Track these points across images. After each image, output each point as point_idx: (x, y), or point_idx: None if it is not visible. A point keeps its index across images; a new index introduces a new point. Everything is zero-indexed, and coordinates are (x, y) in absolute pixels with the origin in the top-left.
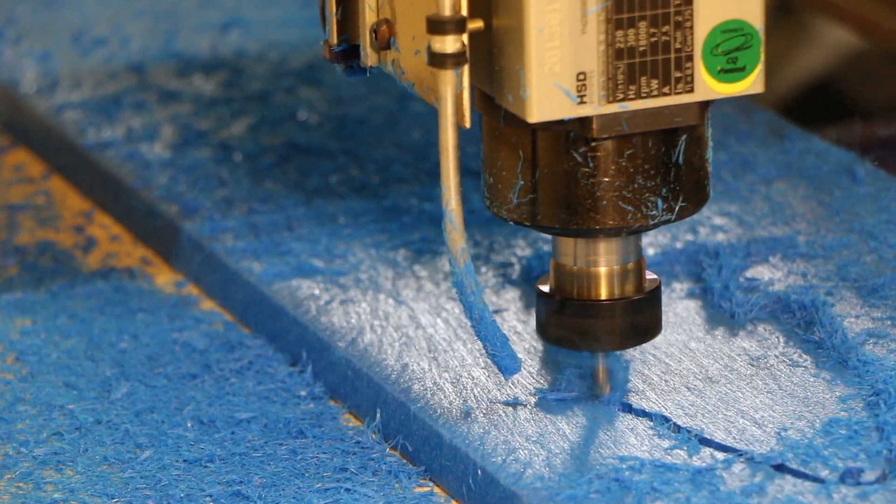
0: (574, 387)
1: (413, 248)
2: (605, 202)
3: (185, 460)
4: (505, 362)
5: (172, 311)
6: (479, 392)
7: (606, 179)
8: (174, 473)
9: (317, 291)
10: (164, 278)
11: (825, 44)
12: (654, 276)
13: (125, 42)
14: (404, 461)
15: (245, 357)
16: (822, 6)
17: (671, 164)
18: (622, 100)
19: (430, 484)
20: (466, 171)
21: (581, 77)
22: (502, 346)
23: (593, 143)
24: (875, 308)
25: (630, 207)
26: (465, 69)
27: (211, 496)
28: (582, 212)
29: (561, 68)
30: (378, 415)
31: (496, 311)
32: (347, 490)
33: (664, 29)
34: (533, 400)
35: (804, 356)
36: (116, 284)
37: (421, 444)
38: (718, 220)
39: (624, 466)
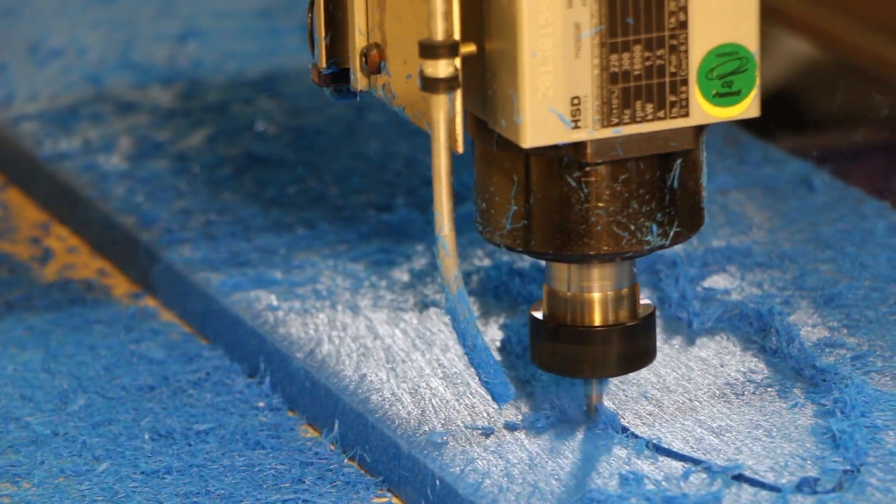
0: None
1: (371, 259)
2: (599, 227)
3: (142, 472)
4: (498, 390)
5: (130, 322)
6: (437, 402)
7: (601, 204)
8: (131, 486)
9: (275, 302)
10: (122, 290)
11: (782, 54)
12: (648, 302)
13: (82, 53)
14: (362, 472)
15: (203, 368)
16: (778, 16)
17: (666, 188)
18: (617, 124)
19: (389, 495)
20: (425, 184)
21: (575, 101)
22: (495, 373)
23: (587, 168)
24: (831, 317)
25: (624, 233)
26: (458, 94)
27: None
28: (576, 237)
29: (555, 93)
30: (336, 426)
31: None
32: (305, 501)
33: (659, 53)
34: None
35: (761, 365)
36: (73, 296)
37: (379, 454)
38: None
39: (579, 476)
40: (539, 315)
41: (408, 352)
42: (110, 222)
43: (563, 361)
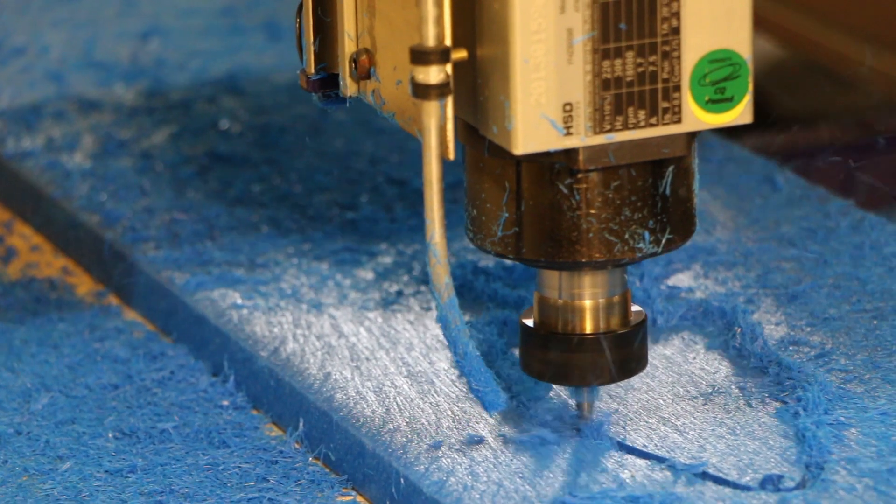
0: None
1: (336, 258)
2: (591, 235)
3: (106, 471)
4: (489, 398)
5: (94, 321)
6: (401, 401)
7: (593, 211)
8: (95, 485)
9: (239, 301)
10: (86, 288)
11: None
12: (640, 309)
13: (44, 51)
14: (327, 470)
15: (167, 367)
16: None
17: (658, 195)
18: (609, 131)
19: (353, 493)
20: (390, 182)
21: (567, 108)
22: (486, 381)
23: (579, 175)
24: (795, 315)
25: (616, 240)
26: (449, 100)
27: None
28: (568, 245)
29: (547, 99)
30: (301, 424)
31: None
32: (270, 500)
33: (651, 59)
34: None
35: (724, 363)
36: (37, 295)
37: (344, 453)
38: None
39: (543, 475)
40: (530, 322)
41: (372, 350)
42: (74, 221)
43: (554, 369)
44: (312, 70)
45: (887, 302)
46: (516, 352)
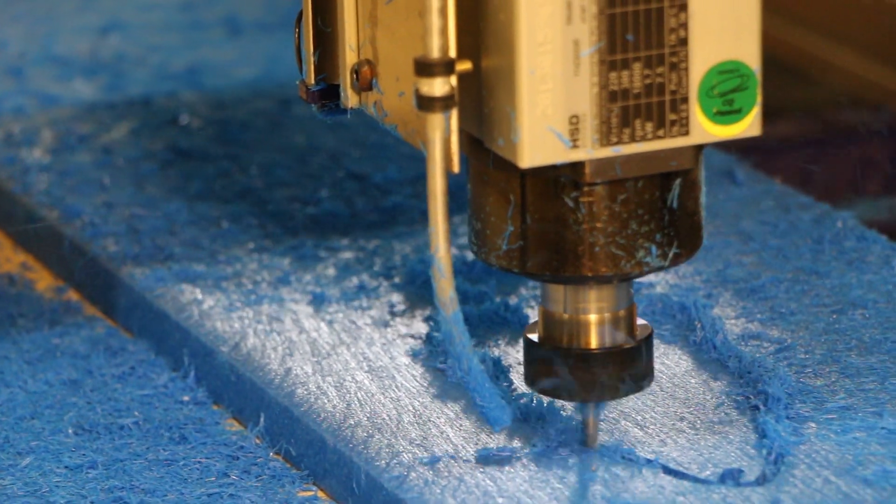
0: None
1: (296, 253)
2: (597, 249)
3: (66, 467)
4: (494, 414)
5: (53, 316)
6: (362, 396)
7: (599, 225)
8: (55, 480)
9: (199, 296)
10: (45, 284)
11: None
12: (646, 323)
13: (3, 46)
14: (288, 466)
15: (127, 362)
16: None
17: (665, 208)
18: (616, 143)
19: (314, 488)
20: (350, 177)
21: (574, 120)
22: (491, 397)
23: (586, 188)
24: (755, 309)
25: (623, 254)
26: (454, 112)
27: (93, 503)
28: (573, 259)
29: (553, 111)
30: (261, 419)
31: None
32: (231, 495)
33: (659, 70)
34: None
35: (685, 358)
36: None
37: (305, 448)
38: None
39: (504, 470)
40: (534, 337)
41: (333, 345)
42: (33, 216)
43: (558, 385)
44: (312, 81)
45: (846, 296)
46: (478, 347)
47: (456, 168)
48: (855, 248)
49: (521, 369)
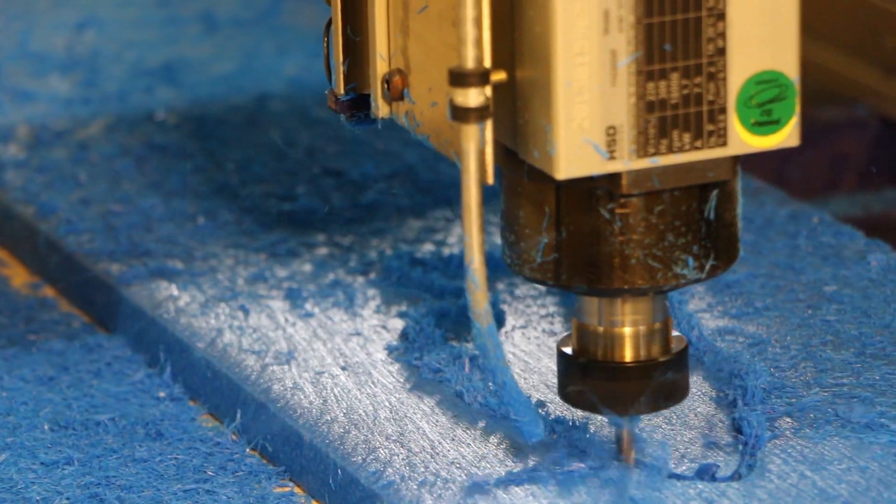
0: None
1: (272, 249)
2: (633, 261)
3: (42, 463)
4: (528, 427)
5: (29, 313)
6: (338, 392)
7: (635, 237)
8: (31, 477)
9: (175, 292)
10: (21, 280)
11: None
12: (681, 336)
13: None
14: (264, 461)
15: (103, 359)
16: None
17: (702, 220)
18: (653, 154)
19: (291, 484)
20: (327, 173)
21: (611, 131)
22: (525, 410)
23: (622, 200)
24: (730, 304)
25: (659, 266)
26: (489, 123)
27: (69, 499)
28: (609, 271)
29: (590, 123)
30: (238, 415)
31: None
32: (207, 491)
33: (696, 80)
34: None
35: None
36: None
37: (281, 444)
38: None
39: (480, 466)
40: (568, 350)
41: (309, 341)
42: (9, 212)
43: (593, 398)
44: (342, 91)
45: (821, 291)
46: (454, 342)
47: (490, 179)
48: (830, 244)
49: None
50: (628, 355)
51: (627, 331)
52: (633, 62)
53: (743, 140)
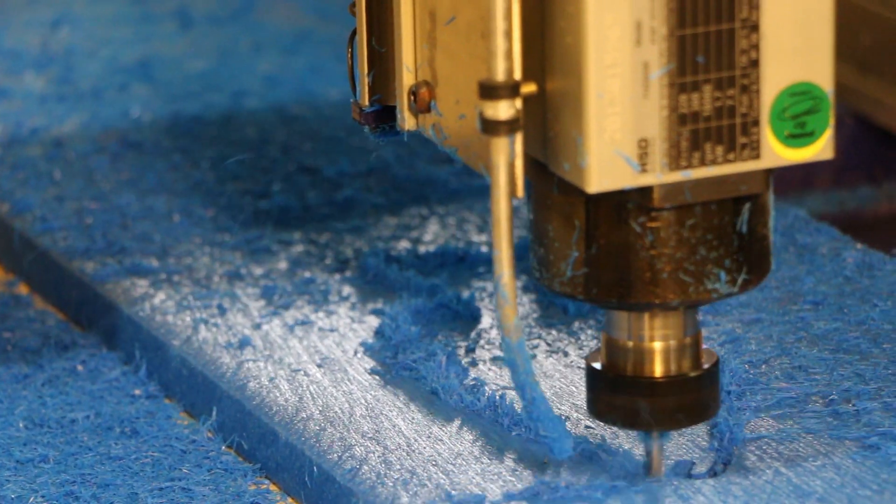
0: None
1: (249, 247)
2: (665, 275)
3: (17, 461)
4: (558, 444)
5: (4, 310)
6: (314, 389)
7: (667, 251)
8: (6, 474)
9: (151, 290)
10: None
11: None
12: (711, 350)
13: None
14: (240, 459)
15: (78, 356)
16: None
17: (735, 233)
18: (685, 167)
19: (266, 482)
20: (302, 170)
21: (643, 144)
22: (555, 426)
23: (654, 213)
24: None
25: (691, 280)
26: (519, 136)
27: (44, 497)
28: (640, 285)
29: (622, 135)
30: (213, 413)
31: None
32: (183, 489)
33: (729, 93)
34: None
35: None
36: None
37: (257, 441)
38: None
39: (456, 463)
40: (597, 365)
41: (285, 339)
42: None
43: (623, 413)
44: (367, 102)
45: (797, 288)
46: (428, 341)
47: (520, 192)
48: (805, 241)
49: (475, 360)
50: (658, 370)
51: (658, 345)
52: (665, 74)
53: (776, 153)
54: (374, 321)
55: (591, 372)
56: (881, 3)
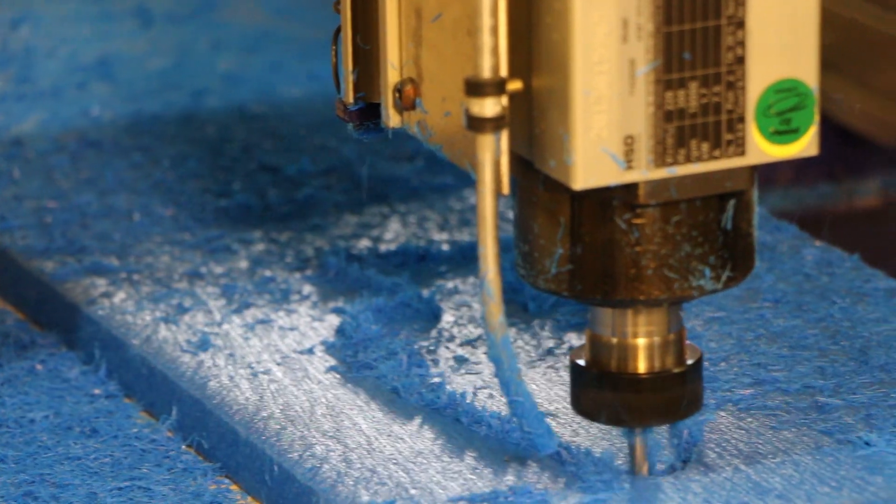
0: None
1: (209, 246)
2: (650, 272)
3: None
4: (541, 440)
5: None
6: (275, 388)
7: (652, 248)
8: None
9: (111, 289)
10: None
11: None
12: (695, 346)
13: None
14: (200, 458)
15: (37, 356)
16: None
17: (719, 230)
18: (671, 164)
19: (227, 481)
20: (263, 169)
21: (629, 141)
22: (538, 423)
23: (639, 210)
24: None
25: (676, 277)
26: (505, 133)
27: (2, 497)
28: (625, 282)
29: (608, 132)
30: (173, 412)
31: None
32: (142, 488)
33: (715, 89)
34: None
35: None
36: None
37: (217, 440)
38: (511, 215)
39: (417, 462)
40: (581, 361)
41: (245, 337)
42: None
43: (607, 410)
44: (351, 100)
45: (756, 286)
46: (389, 340)
47: (506, 189)
48: (765, 239)
49: (436, 359)
50: (642, 367)
51: (641, 342)
52: (651, 71)
53: (762, 149)
54: (334, 320)
55: (574, 368)
56: (840, 2)
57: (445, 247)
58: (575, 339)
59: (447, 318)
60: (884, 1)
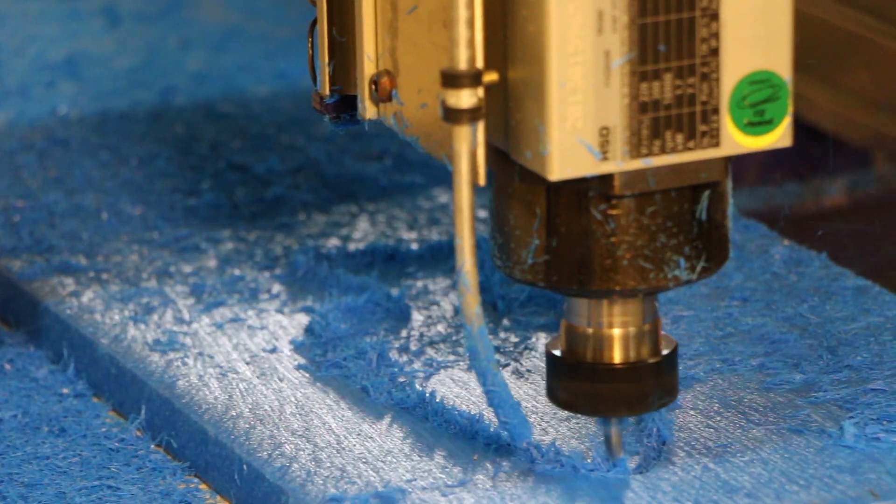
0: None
1: (178, 245)
2: (625, 262)
3: None
4: (517, 430)
5: None
6: (244, 387)
7: (627, 238)
8: None
9: (79, 288)
10: None
11: None
12: (671, 337)
13: None
14: (169, 458)
15: (5, 355)
16: None
17: (694, 221)
18: (646, 155)
19: (196, 480)
20: (232, 168)
21: (604, 132)
22: (514, 414)
23: (614, 201)
24: None
25: (651, 267)
26: (481, 124)
27: None
28: (601, 272)
29: (584, 123)
30: (142, 411)
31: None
32: (110, 487)
33: (690, 81)
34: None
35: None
36: None
37: (186, 440)
38: (481, 213)
39: (387, 460)
40: (557, 352)
41: (215, 337)
42: None
43: (581, 400)
44: (327, 92)
45: (725, 284)
46: (358, 339)
47: (482, 181)
48: (733, 238)
49: (405, 358)
50: (617, 357)
51: (617, 332)
52: (626, 63)
53: (736, 141)
54: (303, 319)
55: (550, 359)
56: (807, 1)
57: (414, 246)
58: (543, 339)
59: (416, 316)
60: (851, 0)
